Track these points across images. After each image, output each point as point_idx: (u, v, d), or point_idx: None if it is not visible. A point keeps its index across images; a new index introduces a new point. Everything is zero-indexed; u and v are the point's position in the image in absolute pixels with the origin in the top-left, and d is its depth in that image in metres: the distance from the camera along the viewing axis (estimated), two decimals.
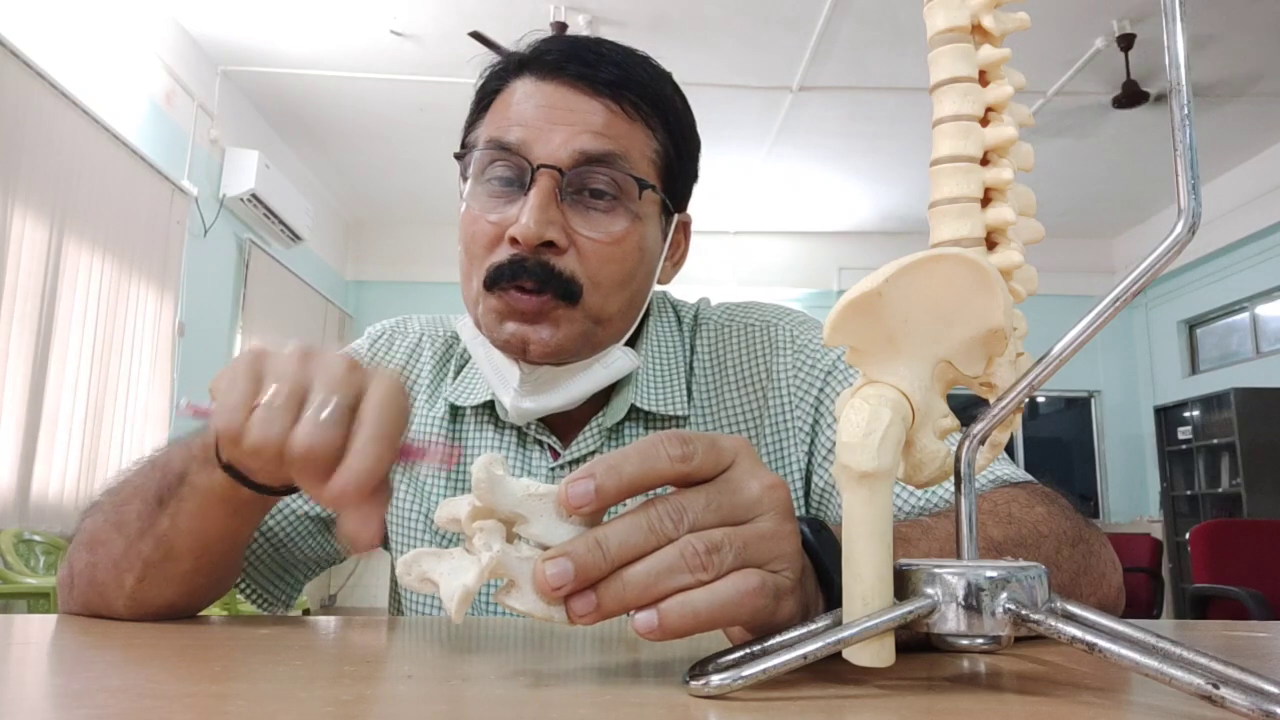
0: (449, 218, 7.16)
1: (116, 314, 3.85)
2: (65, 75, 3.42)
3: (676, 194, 0.77)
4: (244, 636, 0.52)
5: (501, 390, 0.73)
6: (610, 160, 0.69)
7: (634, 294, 0.74)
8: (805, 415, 0.75)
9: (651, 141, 0.72)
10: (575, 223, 0.69)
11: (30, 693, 0.37)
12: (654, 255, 0.75)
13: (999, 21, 0.39)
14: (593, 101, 0.70)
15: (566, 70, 0.70)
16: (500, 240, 0.69)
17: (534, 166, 0.68)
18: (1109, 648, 0.32)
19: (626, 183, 0.70)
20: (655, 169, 0.73)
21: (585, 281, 0.69)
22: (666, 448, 0.37)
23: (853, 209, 6.57)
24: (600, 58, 0.71)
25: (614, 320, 0.72)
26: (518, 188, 0.69)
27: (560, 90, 0.70)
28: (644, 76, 0.73)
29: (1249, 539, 3.41)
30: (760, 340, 0.79)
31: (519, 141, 0.69)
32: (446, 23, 4.18)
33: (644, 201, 0.71)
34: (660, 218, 0.75)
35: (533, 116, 0.69)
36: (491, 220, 0.70)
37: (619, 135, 0.70)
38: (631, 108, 0.71)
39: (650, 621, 0.35)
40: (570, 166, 0.68)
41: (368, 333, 0.87)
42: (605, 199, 0.69)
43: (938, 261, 0.36)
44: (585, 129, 0.69)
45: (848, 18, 4.11)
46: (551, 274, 0.67)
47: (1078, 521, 0.62)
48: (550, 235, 0.67)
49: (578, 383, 0.72)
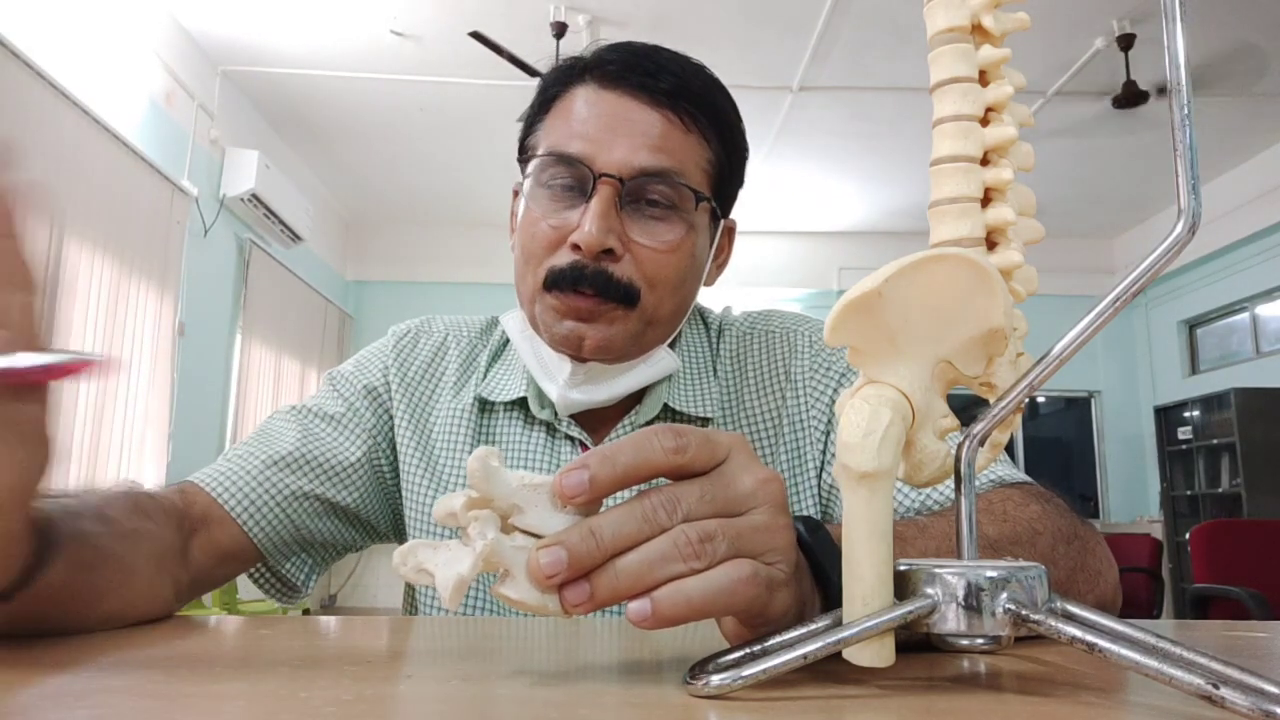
0: (449, 218, 7.17)
1: (116, 314, 3.85)
2: (65, 75, 3.42)
3: (724, 200, 0.80)
4: (244, 636, 0.52)
5: (548, 384, 0.75)
6: (667, 173, 0.72)
7: (684, 298, 0.77)
8: (821, 416, 0.78)
9: (705, 151, 0.75)
10: (633, 230, 0.72)
11: (30, 693, 0.37)
12: (703, 261, 0.79)
13: (999, 21, 0.39)
14: (652, 113, 0.73)
15: (628, 80, 0.73)
16: (560, 244, 0.72)
17: (596, 175, 0.71)
18: (1109, 648, 0.32)
19: (682, 193, 0.73)
20: (707, 178, 0.76)
21: (642, 285, 0.72)
22: (661, 439, 0.37)
23: (852, 209, 6.57)
24: (660, 67, 0.74)
25: (664, 322, 0.76)
26: (578, 193, 0.72)
27: (621, 100, 0.73)
28: (699, 86, 0.75)
29: (1249, 539, 3.41)
30: (780, 346, 0.82)
31: (581, 152, 0.72)
32: (446, 23, 4.18)
33: (698, 211, 0.74)
34: (709, 225, 0.78)
35: (595, 127, 0.72)
36: (552, 224, 0.73)
37: (676, 148, 0.73)
38: (689, 118, 0.74)
39: (643, 610, 0.35)
40: (630, 177, 0.71)
41: (392, 331, 0.88)
42: (661, 207, 0.73)
43: (938, 261, 0.36)
44: (645, 141, 0.72)
45: (848, 18, 4.11)
46: (610, 281, 0.71)
47: (1072, 519, 0.62)
48: (610, 243, 0.70)
49: (624, 380, 0.75)
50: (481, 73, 4.51)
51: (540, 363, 0.76)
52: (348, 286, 6.98)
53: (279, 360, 5.54)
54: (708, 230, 0.78)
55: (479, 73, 4.52)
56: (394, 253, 7.03)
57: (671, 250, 0.73)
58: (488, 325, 0.88)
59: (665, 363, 0.77)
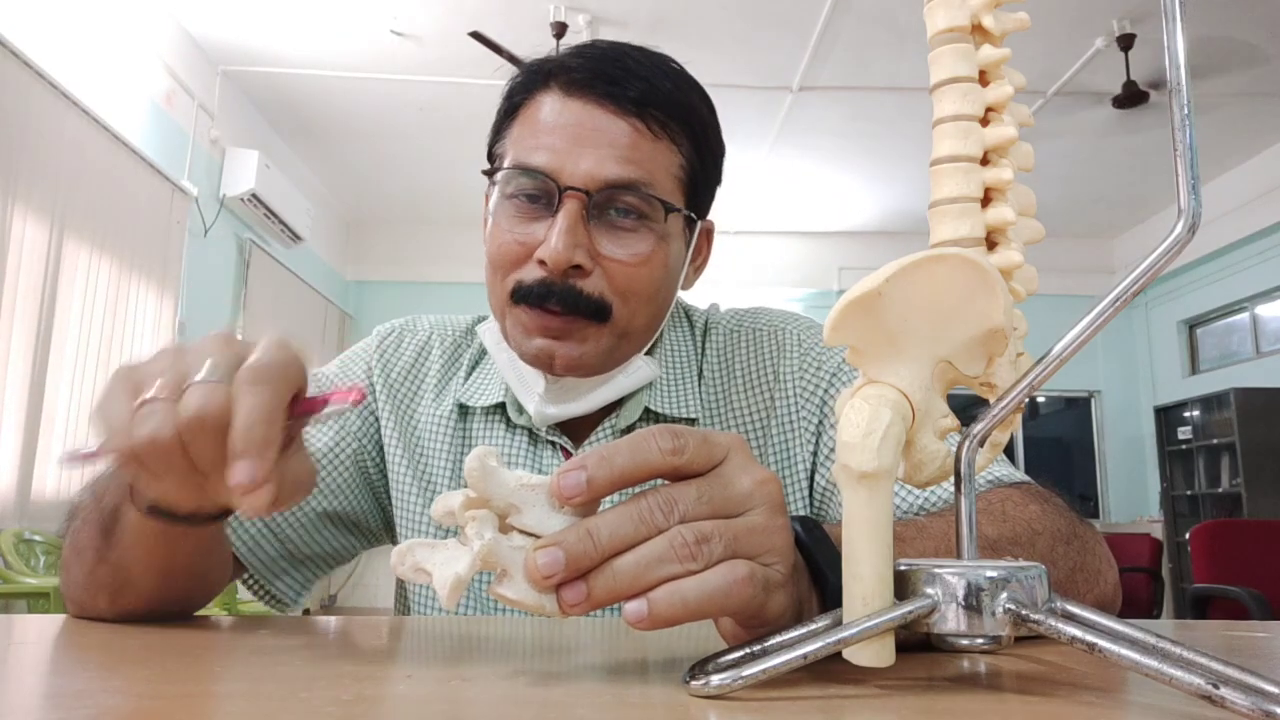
0: (449, 218, 7.16)
1: (117, 314, 3.85)
2: (66, 75, 3.42)
3: (700, 203, 0.78)
4: (244, 636, 0.52)
5: (525, 396, 0.74)
6: (635, 185, 0.70)
7: (659, 308, 0.75)
8: (810, 416, 0.76)
9: (676, 157, 0.73)
10: (601, 244, 0.70)
11: (30, 693, 0.37)
12: (677, 269, 0.77)
13: (999, 21, 0.39)
14: (619, 122, 0.70)
15: (594, 88, 0.70)
16: (527, 259, 0.70)
17: (561, 189, 0.68)
18: (1109, 648, 0.32)
19: (652, 204, 0.71)
20: (680, 184, 0.74)
21: (614, 300, 0.70)
22: (658, 440, 0.37)
23: (853, 209, 6.57)
24: (627, 72, 0.71)
25: (639, 333, 0.74)
26: (544, 206, 0.70)
27: (587, 108, 0.70)
28: (669, 88, 0.73)
29: (1249, 539, 3.41)
30: (768, 344, 0.80)
31: (546, 164, 0.69)
32: (446, 23, 4.18)
33: (669, 222, 0.72)
34: (684, 230, 0.77)
35: (560, 138, 0.70)
36: (518, 238, 0.71)
37: (644, 158, 0.70)
38: (657, 125, 0.71)
39: (640, 611, 0.35)
40: (597, 190, 0.69)
41: (376, 331, 0.87)
42: (631, 218, 0.70)
43: (938, 261, 0.36)
44: (611, 152, 0.69)
45: (848, 18, 4.11)
46: (579, 299, 0.69)
47: (1071, 519, 0.62)
48: (577, 259, 0.68)
49: (600, 392, 0.74)
50: (481, 73, 4.51)
51: (517, 374, 0.75)
52: (348, 286, 6.98)
53: None
54: (681, 237, 0.76)
55: (479, 73, 4.52)
56: (394, 253, 7.03)
57: (642, 263, 0.70)
58: (472, 325, 0.87)
59: (643, 372, 0.75)
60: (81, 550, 0.58)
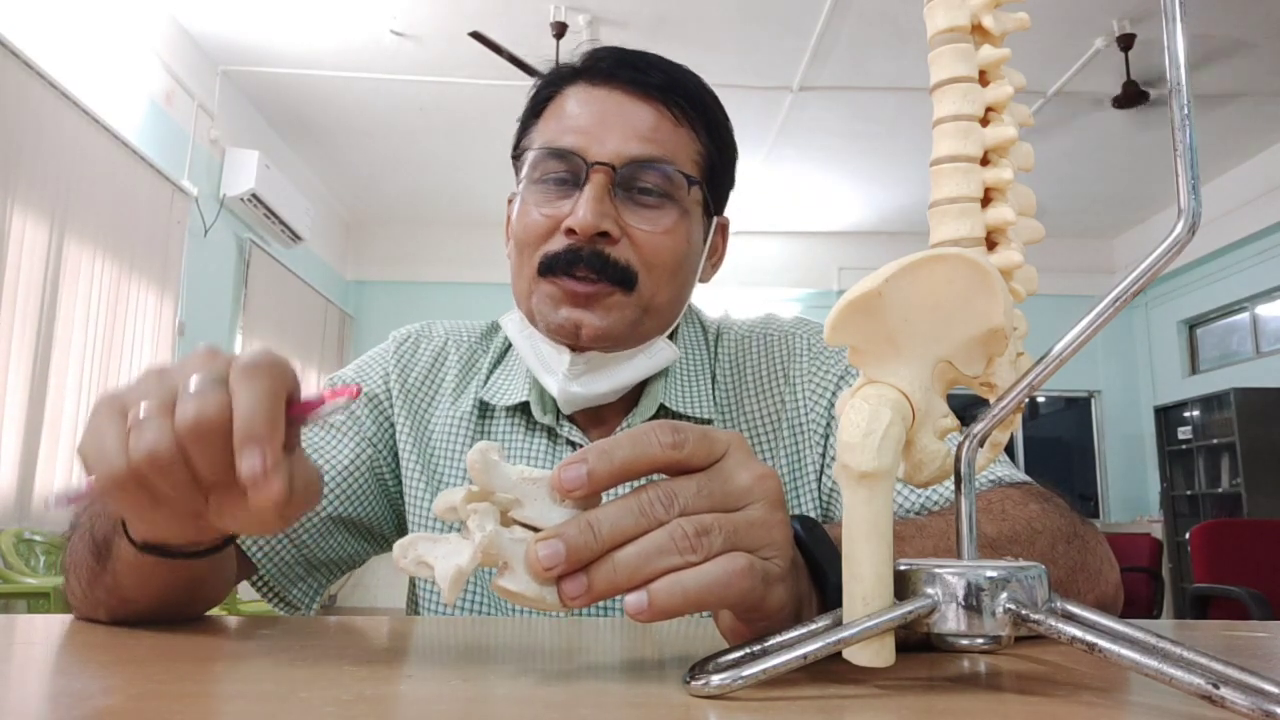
0: (449, 218, 7.17)
1: (117, 314, 3.85)
2: (65, 75, 3.42)
3: (717, 196, 0.80)
4: (244, 636, 0.52)
5: (548, 378, 0.75)
6: (659, 161, 0.73)
7: (681, 286, 0.78)
8: (820, 418, 0.78)
9: (695, 144, 0.77)
10: (627, 216, 0.73)
11: (31, 693, 0.37)
12: (698, 250, 0.79)
13: (999, 21, 0.39)
14: (643, 105, 0.74)
15: (618, 76, 0.75)
16: (554, 231, 0.73)
17: (589, 165, 0.72)
18: (1109, 648, 0.32)
19: (675, 180, 0.74)
20: (699, 170, 0.77)
21: (639, 268, 0.73)
22: (658, 435, 0.37)
23: (853, 209, 6.57)
24: (650, 64, 0.76)
25: (662, 310, 0.76)
26: (572, 185, 0.73)
27: (612, 94, 0.75)
28: (689, 84, 0.77)
29: (1249, 539, 3.41)
30: (779, 348, 0.82)
31: (574, 145, 0.73)
32: (446, 23, 4.18)
33: (690, 197, 0.75)
34: (703, 217, 0.79)
35: (586, 120, 0.73)
36: (545, 213, 0.73)
37: (666, 138, 0.74)
38: (679, 111, 0.75)
39: (640, 602, 0.35)
40: (622, 165, 0.72)
41: (393, 336, 0.87)
42: (654, 195, 0.73)
43: (938, 261, 0.36)
44: (636, 132, 0.73)
45: (848, 18, 4.11)
46: (607, 263, 0.71)
47: (1072, 519, 0.62)
48: (605, 226, 0.71)
49: (623, 371, 0.75)
50: (481, 73, 4.51)
51: (539, 358, 0.76)
52: (348, 286, 6.98)
53: None
54: (701, 221, 0.78)
55: (479, 73, 4.52)
56: (394, 253, 7.03)
57: (667, 233, 0.73)
58: (488, 330, 0.88)
59: (665, 353, 0.76)
60: (78, 567, 0.58)
